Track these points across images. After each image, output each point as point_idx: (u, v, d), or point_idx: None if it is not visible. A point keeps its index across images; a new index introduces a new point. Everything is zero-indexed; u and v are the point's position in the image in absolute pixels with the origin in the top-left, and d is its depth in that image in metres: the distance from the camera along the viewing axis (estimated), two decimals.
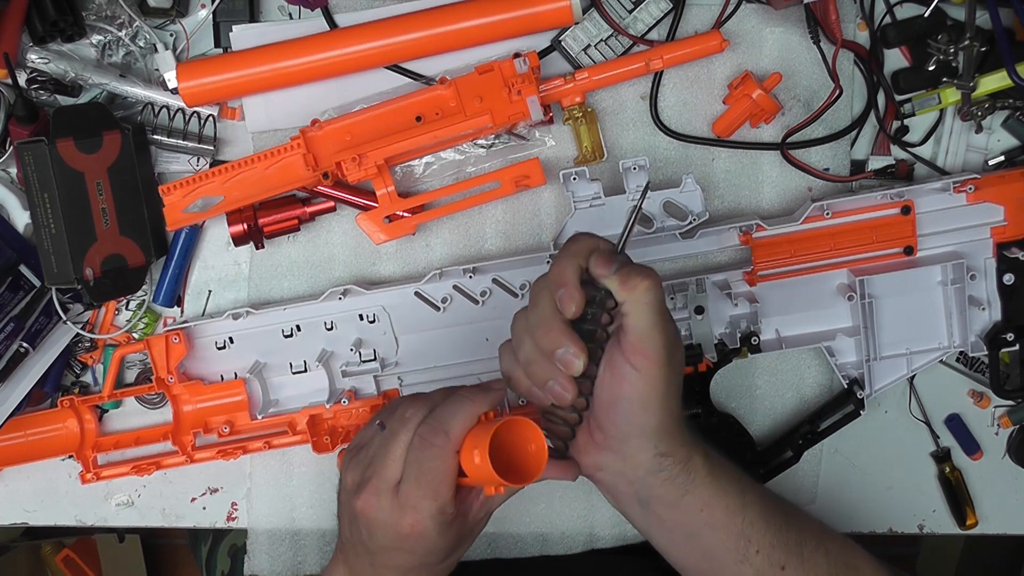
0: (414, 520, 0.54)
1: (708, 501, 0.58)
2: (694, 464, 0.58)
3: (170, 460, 0.75)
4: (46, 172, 0.66)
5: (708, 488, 0.58)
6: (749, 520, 0.59)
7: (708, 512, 0.59)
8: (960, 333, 0.73)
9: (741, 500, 0.59)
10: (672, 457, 0.57)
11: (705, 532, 0.59)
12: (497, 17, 0.68)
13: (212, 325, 0.74)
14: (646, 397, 0.55)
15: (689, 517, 0.59)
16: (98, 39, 0.71)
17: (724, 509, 0.59)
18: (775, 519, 0.60)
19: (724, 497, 0.59)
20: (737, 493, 0.59)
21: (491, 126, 0.68)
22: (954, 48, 0.69)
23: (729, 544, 0.59)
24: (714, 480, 0.58)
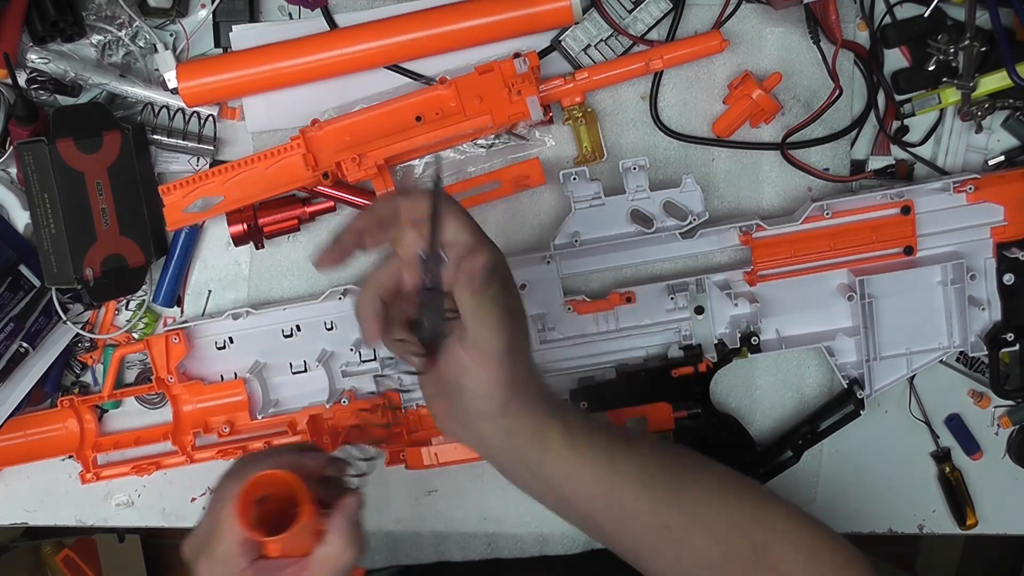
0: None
1: (570, 473, 0.57)
2: (548, 438, 0.56)
3: (170, 460, 0.75)
4: (46, 172, 0.66)
5: (568, 460, 0.57)
6: (623, 489, 0.57)
7: (573, 483, 0.57)
8: (960, 333, 0.73)
9: (612, 469, 0.57)
10: (520, 435, 0.56)
11: (576, 500, 0.58)
12: (497, 17, 0.68)
13: (212, 325, 0.74)
14: (486, 388, 0.54)
15: (555, 487, 0.58)
16: (98, 39, 0.71)
17: (591, 480, 0.57)
18: (658, 486, 0.57)
19: (589, 467, 0.57)
20: (606, 463, 0.57)
21: (491, 126, 0.68)
22: (954, 48, 0.69)
23: (605, 512, 0.58)
24: (574, 452, 0.56)
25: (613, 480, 0.57)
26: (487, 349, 0.53)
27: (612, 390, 0.73)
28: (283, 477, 0.53)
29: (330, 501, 0.55)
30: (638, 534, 0.58)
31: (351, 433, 0.66)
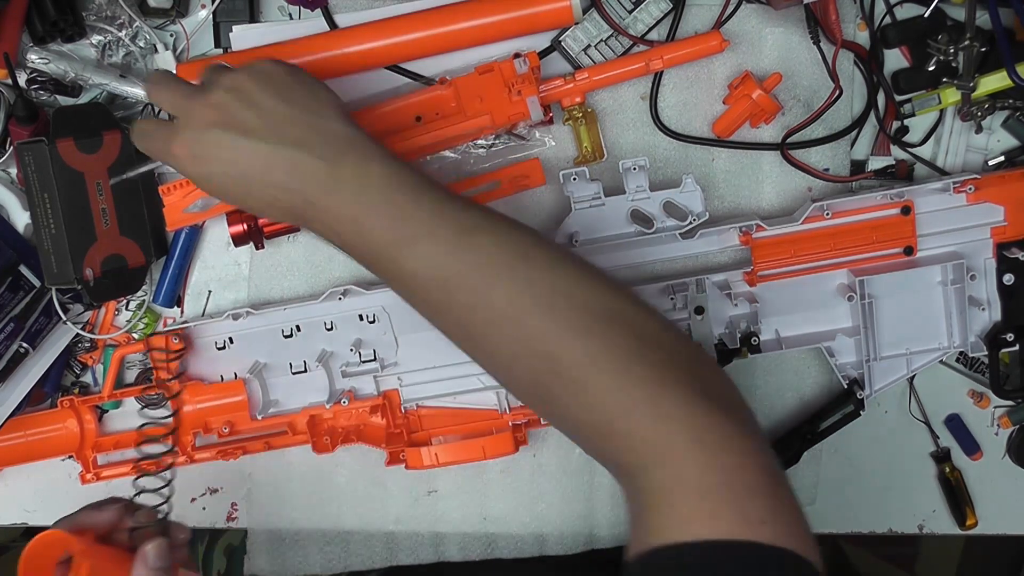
0: None
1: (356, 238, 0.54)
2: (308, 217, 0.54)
3: (170, 460, 0.75)
4: (46, 172, 0.66)
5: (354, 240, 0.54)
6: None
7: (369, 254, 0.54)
8: (960, 333, 0.73)
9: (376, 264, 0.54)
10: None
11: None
12: (497, 17, 0.68)
13: (212, 325, 0.74)
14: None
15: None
16: (98, 39, 0.71)
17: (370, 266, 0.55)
18: (419, 303, 0.54)
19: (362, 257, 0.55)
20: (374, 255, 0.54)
21: (491, 126, 0.68)
22: (954, 48, 0.69)
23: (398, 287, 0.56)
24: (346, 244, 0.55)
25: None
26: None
27: None
28: (54, 538, 0.57)
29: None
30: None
31: (139, 466, 0.70)
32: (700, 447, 0.45)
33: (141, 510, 0.62)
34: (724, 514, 0.43)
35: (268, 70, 0.56)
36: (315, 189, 0.53)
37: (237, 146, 0.54)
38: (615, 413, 0.48)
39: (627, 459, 0.48)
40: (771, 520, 0.44)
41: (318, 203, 0.53)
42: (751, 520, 0.43)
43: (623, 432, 0.47)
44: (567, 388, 0.49)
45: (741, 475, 0.45)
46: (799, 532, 0.44)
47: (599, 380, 0.48)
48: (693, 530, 0.43)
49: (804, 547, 0.43)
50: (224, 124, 0.54)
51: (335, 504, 0.79)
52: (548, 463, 0.78)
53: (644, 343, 0.49)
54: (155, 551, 0.58)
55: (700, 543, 0.43)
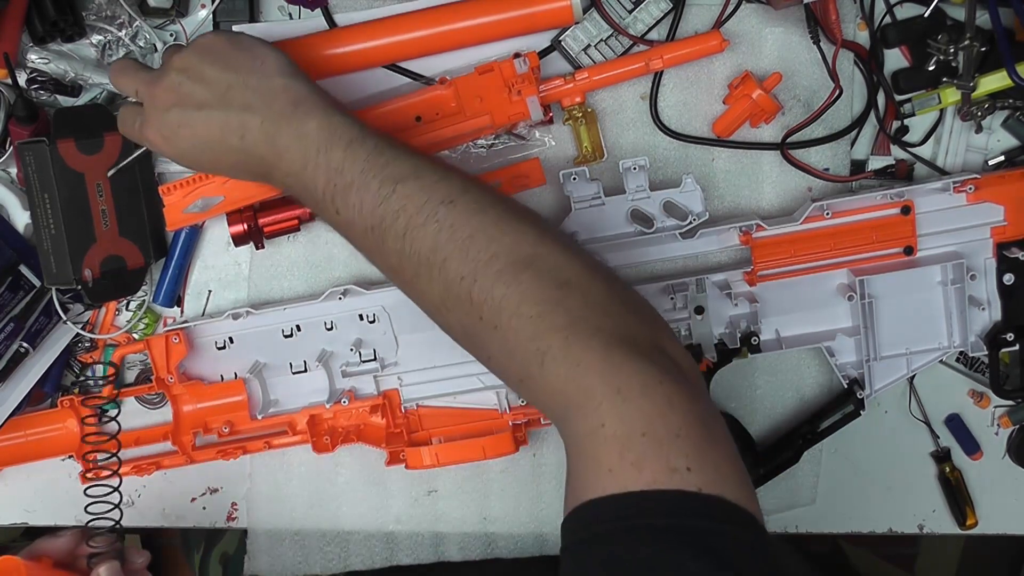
0: None
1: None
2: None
3: (170, 460, 0.75)
4: (46, 172, 0.66)
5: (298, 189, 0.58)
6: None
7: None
8: (960, 333, 0.73)
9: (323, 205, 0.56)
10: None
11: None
12: (497, 17, 0.68)
13: (212, 325, 0.74)
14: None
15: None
16: (98, 39, 0.71)
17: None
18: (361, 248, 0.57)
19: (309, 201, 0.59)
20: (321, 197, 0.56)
21: (491, 126, 0.68)
22: (954, 48, 0.69)
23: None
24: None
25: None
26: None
27: None
28: (5, 565, 0.60)
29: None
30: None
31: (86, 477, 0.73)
32: (618, 395, 0.44)
33: (99, 535, 0.66)
34: (647, 464, 0.42)
35: (209, 43, 0.59)
36: (263, 148, 0.57)
37: (194, 120, 0.58)
38: (532, 360, 0.47)
39: (550, 407, 0.47)
40: (698, 468, 0.42)
41: (268, 159, 0.57)
42: (676, 468, 0.42)
43: (540, 379, 0.47)
44: (489, 334, 0.49)
45: (663, 422, 0.43)
46: (731, 478, 0.43)
47: (516, 326, 0.48)
48: (618, 482, 0.42)
49: (737, 494, 0.42)
50: (181, 103, 0.58)
51: (335, 504, 0.79)
52: (548, 463, 0.78)
53: (563, 290, 0.49)
54: (107, 572, 0.62)
55: (623, 495, 0.42)
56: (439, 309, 0.53)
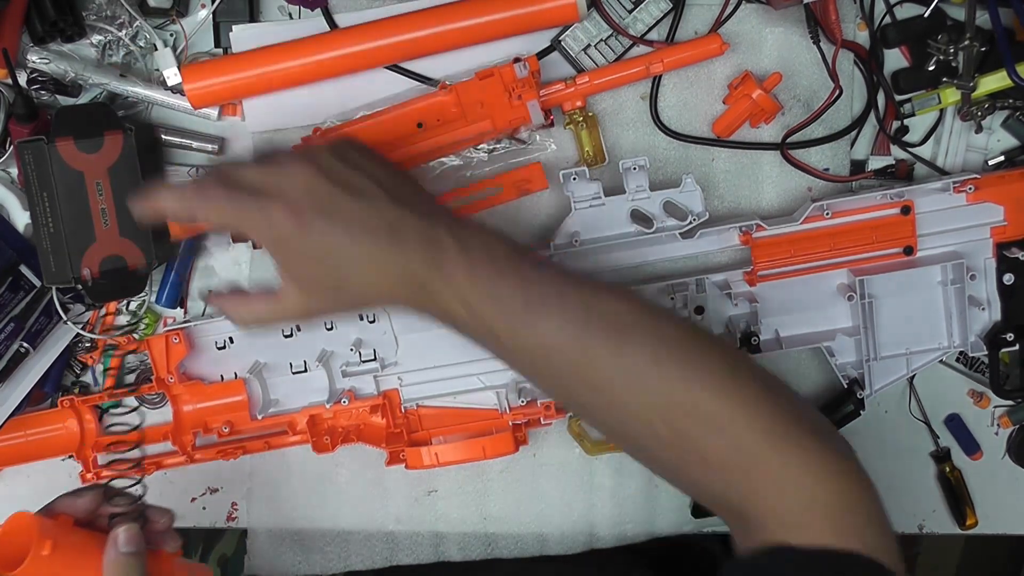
0: None
1: (459, 333, 0.56)
2: (440, 318, 0.56)
3: (170, 460, 0.75)
4: (45, 171, 0.66)
5: (463, 333, 0.56)
6: (515, 364, 0.56)
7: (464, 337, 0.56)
8: (960, 333, 0.73)
9: (499, 347, 0.55)
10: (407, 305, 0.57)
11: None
12: (500, 15, 0.68)
13: (212, 325, 0.74)
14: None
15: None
16: (98, 39, 0.71)
17: (480, 345, 0.56)
18: (555, 358, 0.53)
19: (480, 343, 0.55)
20: (492, 338, 0.54)
21: (492, 131, 0.68)
22: (954, 48, 0.69)
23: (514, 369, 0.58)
24: (465, 332, 0.55)
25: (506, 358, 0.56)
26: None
27: None
28: (23, 520, 0.58)
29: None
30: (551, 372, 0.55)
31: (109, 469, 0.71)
32: (811, 475, 0.50)
33: (121, 495, 0.62)
34: (826, 527, 0.49)
35: (351, 150, 0.57)
36: (426, 275, 0.54)
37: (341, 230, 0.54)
38: (748, 449, 0.51)
39: (746, 489, 0.51)
40: (867, 533, 0.49)
41: (429, 286, 0.54)
42: (849, 532, 0.49)
43: (748, 466, 0.51)
44: (706, 431, 0.51)
45: (845, 495, 0.50)
46: (890, 545, 0.50)
47: (737, 421, 0.51)
48: (802, 536, 0.49)
49: (892, 559, 0.49)
50: (328, 214, 0.54)
51: (335, 504, 0.79)
52: (548, 463, 0.78)
53: (766, 390, 0.53)
54: (125, 535, 0.59)
55: (806, 547, 0.48)
56: (650, 417, 0.53)
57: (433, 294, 0.54)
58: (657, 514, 0.79)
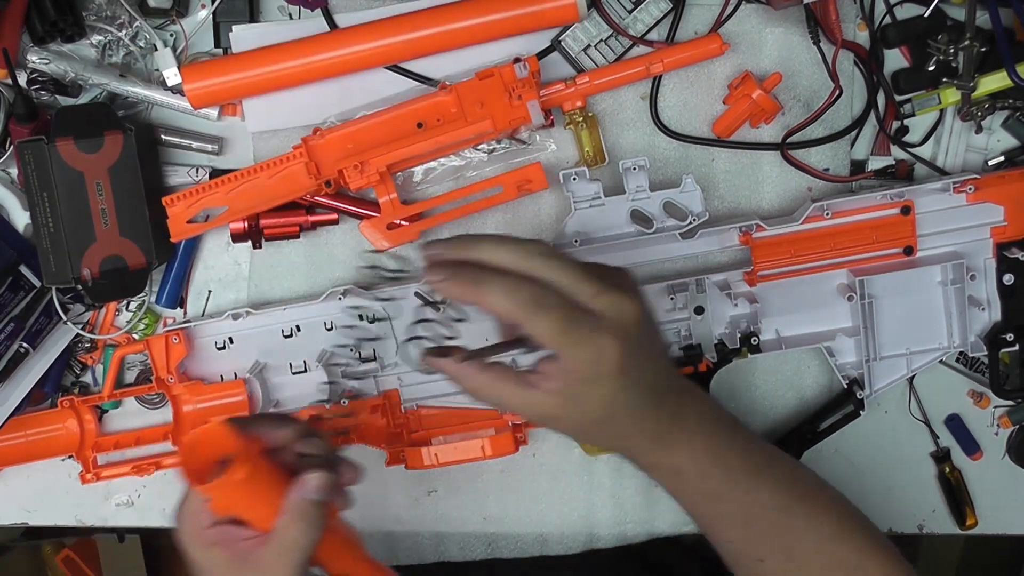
0: None
1: (672, 492, 0.59)
2: (650, 468, 0.58)
3: (170, 460, 0.75)
4: (45, 171, 0.66)
5: (671, 488, 0.59)
6: (722, 523, 0.59)
7: (676, 500, 0.59)
8: (960, 333, 0.73)
9: (714, 507, 0.59)
10: (634, 461, 0.59)
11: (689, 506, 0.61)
12: (500, 15, 0.68)
13: (212, 325, 0.74)
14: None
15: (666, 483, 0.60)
16: (98, 39, 0.71)
17: (687, 505, 0.59)
18: (759, 525, 0.59)
19: (692, 503, 0.59)
20: (710, 502, 0.59)
21: (492, 131, 0.68)
22: (954, 48, 0.69)
23: (704, 529, 0.61)
24: (680, 488, 0.58)
25: (715, 516, 0.60)
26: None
27: None
28: (225, 430, 0.53)
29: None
30: (732, 555, 0.61)
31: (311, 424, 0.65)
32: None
33: (317, 438, 0.58)
34: None
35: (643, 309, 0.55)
36: (668, 434, 0.56)
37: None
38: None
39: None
40: None
41: (668, 442, 0.56)
42: None
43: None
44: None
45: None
46: None
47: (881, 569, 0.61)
48: None
49: None
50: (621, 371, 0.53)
51: None
52: (548, 463, 0.78)
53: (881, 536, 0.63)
54: (317, 481, 0.55)
55: None
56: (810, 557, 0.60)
57: (670, 449, 0.56)
58: (657, 514, 0.79)
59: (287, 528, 0.54)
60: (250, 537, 0.55)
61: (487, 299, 0.51)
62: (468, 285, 0.52)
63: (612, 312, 0.52)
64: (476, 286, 0.51)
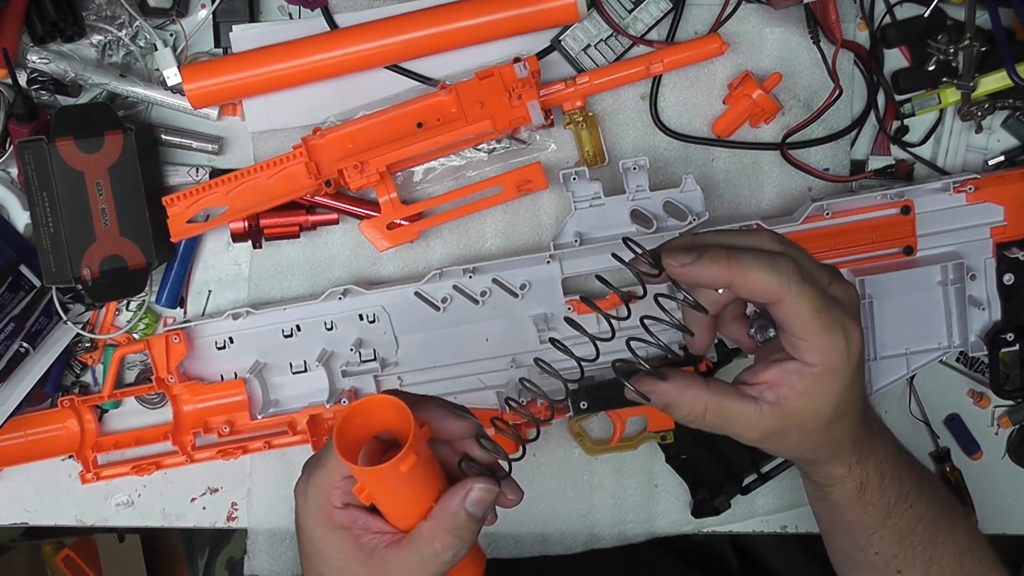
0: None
1: (844, 505, 0.58)
2: (838, 481, 0.57)
3: (170, 460, 0.75)
4: (45, 171, 0.66)
5: (848, 501, 0.58)
6: (881, 536, 0.59)
7: (840, 512, 0.59)
8: (960, 333, 0.73)
9: (883, 521, 0.58)
10: (810, 476, 0.59)
11: (834, 523, 0.61)
12: (500, 15, 0.68)
13: (212, 325, 0.74)
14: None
15: (823, 507, 0.61)
16: (98, 39, 0.71)
17: (855, 518, 0.59)
18: (911, 539, 0.59)
19: (862, 515, 0.58)
20: (881, 515, 0.58)
21: (492, 131, 0.68)
22: (954, 48, 0.69)
23: (852, 539, 0.60)
24: (859, 501, 0.57)
25: (878, 529, 0.59)
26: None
27: (612, 390, 0.73)
28: (396, 409, 0.45)
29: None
30: (873, 563, 0.61)
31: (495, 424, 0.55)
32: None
33: (490, 444, 0.51)
34: None
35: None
36: (863, 442, 0.56)
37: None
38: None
39: None
40: None
41: (863, 450, 0.56)
42: None
43: None
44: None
45: None
46: None
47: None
48: None
49: None
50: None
51: None
52: (548, 463, 0.78)
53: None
54: (484, 493, 0.48)
55: None
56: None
57: (865, 459, 0.56)
58: (657, 514, 0.79)
59: (435, 537, 0.48)
60: (384, 532, 0.49)
61: (749, 275, 0.48)
62: (724, 261, 0.48)
63: (848, 300, 0.51)
64: (734, 261, 0.48)
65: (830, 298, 0.50)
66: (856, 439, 0.55)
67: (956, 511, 0.63)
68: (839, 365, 0.50)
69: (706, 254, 0.49)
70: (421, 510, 0.48)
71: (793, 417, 0.51)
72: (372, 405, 0.46)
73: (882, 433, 0.58)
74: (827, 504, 0.59)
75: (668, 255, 0.50)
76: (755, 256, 0.49)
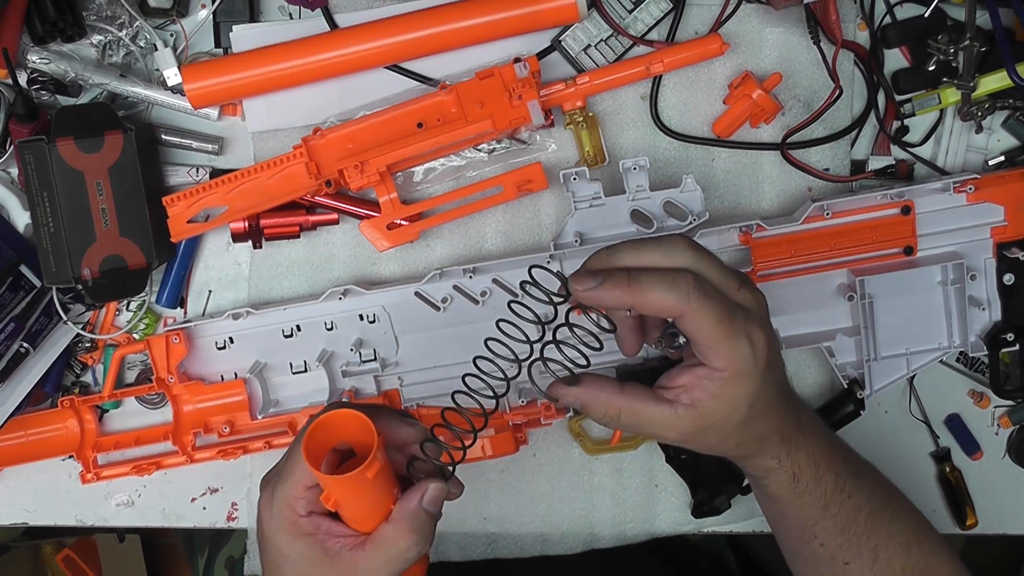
0: None
1: (781, 498, 0.59)
2: (770, 472, 0.58)
3: (170, 460, 0.75)
4: (45, 171, 0.66)
5: (784, 492, 0.58)
6: (823, 528, 0.59)
7: (781, 505, 0.59)
8: (960, 333, 0.73)
9: (822, 512, 0.59)
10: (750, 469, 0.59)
11: (778, 517, 0.62)
12: (500, 15, 0.68)
13: (212, 325, 0.74)
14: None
15: (765, 501, 0.62)
16: (98, 39, 0.71)
17: (795, 510, 0.59)
18: (854, 528, 0.59)
19: (801, 506, 0.59)
20: (819, 506, 0.58)
21: (492, 131, 0.68)
22: (954, 48, 0.69)
23: (795, 532, 0.61)
24: (794, 492, 0.58)
25: (819, 519, 0.59)
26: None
27: None
28: (357, 420, 0.49)
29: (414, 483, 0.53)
30: (819, 556, 0.61)
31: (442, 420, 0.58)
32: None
33: (435, 444, 0.54)
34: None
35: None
36: (792, 436, 0.57)
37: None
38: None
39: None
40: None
41: (793, 445, 0.57)
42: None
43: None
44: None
45: None
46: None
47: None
48: None
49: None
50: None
51: None
52: (548, 463, 0.78)
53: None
54: (435, 493, 0.52)
55: None
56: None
57: (796, 451, 0.57)
58: (657, 514, 0.79)
59: (397, 537, 0.51)
60: (347, 535, 0.52)
61: (648, 296, 0.50)
62: (624, 285, 0.51)
63: (754, 306, 0.53)
64: (634, 284, 0.51)
65: (733, 306, 0.52)
66: (783, 433, 0.56)
67: (900, 501, 0.63)
68: (746, 369, 0.52)
69: (608, 279, 0.52)
70: (382, 512, 0.52)
71: (708, 418, 0.53)
72: (334, 419, 0.50)
73: (813, 426, 0.58)
74: (767, 498, 0.60)
75: (574, 279, 0.53)
76: (654, 276, 0.51)
